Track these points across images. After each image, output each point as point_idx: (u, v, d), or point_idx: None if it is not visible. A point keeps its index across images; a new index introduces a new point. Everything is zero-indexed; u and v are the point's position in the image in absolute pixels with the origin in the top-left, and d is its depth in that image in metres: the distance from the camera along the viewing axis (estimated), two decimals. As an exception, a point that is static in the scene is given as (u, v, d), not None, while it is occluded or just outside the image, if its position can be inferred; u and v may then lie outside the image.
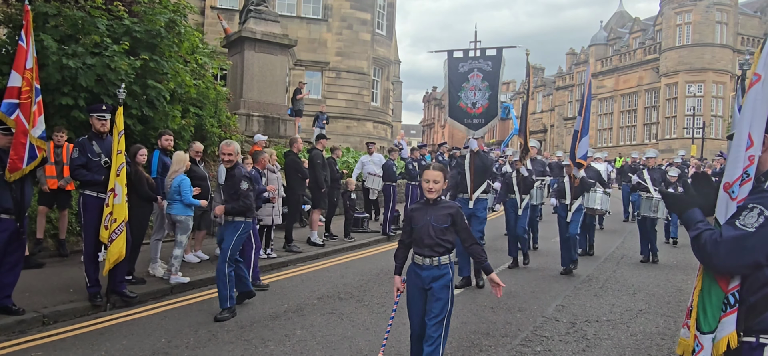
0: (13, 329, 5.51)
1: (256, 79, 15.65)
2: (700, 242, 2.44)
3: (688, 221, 2.56)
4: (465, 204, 7.86)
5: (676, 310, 7.09)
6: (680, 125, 41.48)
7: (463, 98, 8.14)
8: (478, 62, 8.10)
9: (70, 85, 8.79)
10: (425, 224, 4.00)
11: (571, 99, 54.75)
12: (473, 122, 8.11)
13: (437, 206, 4.06)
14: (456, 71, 8.22)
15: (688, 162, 18.22)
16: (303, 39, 25.56)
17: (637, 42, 47.94)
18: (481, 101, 8.03)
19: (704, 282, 2.60)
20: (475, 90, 8.05)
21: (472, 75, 8.11)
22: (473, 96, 8.07)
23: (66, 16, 9.24)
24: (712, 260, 2.40)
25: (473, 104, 8.07)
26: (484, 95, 8.01)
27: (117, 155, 6.19)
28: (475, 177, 7.91)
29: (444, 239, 4.01)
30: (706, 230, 2.46)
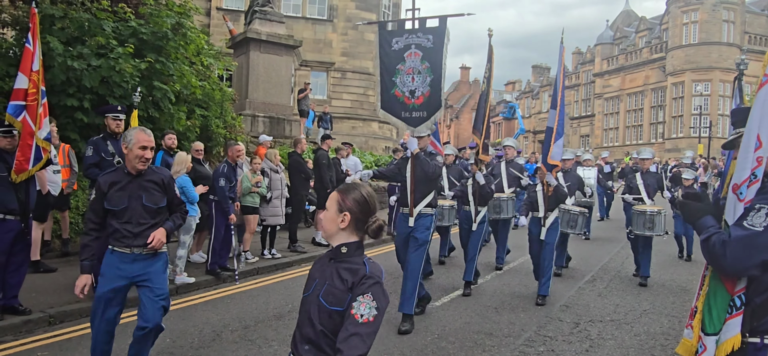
0: (20, 329, 5.55)
1: (261, 79, 15.69)
2: (710, 244, 2.45)
3: (700, 227, 2.59)
4: (404, 221, 6.36)
5: (681, 310, 7.07)
6: (687, 124, 41.27)
7: (398, 84, 6.32)
8: (417, 37, 6.27)
9: (75, 87, 8.85)
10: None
11: (577, 99, 54.56)
12: (412, 115, 6.31)
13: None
14: (389, 49, 6.42)
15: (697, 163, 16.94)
16: (308, 39, 25.59)
17: (643, 41, 47.72)
18: (421, 87, 6.22)
19: (710, 283, 2.60)
20: (414, 73, 6.24)
21: (408, 54, 6.28)
22: (411, 82, 6.26)
23: (72, 18, 9.30)
24: (721, 261, 2.41)
25: (411, 92, 6.25)
26: (425, 81, 6.21)
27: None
28: (417, 187, 6.23)
29: None
30: (715, 233, 2.48)
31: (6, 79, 8.41)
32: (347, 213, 2.27)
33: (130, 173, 4.05)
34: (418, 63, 6.24)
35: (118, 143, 6.57)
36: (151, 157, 4.05)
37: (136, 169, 4.03)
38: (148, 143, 4.02)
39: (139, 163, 4.01)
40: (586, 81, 53.21)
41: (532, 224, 7.62)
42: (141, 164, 4.02)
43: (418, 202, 6.24)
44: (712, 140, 35.18)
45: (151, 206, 4.07)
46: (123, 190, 4.00)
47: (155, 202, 4.09)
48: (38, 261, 7.48)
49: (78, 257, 4.09)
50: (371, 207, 2.32)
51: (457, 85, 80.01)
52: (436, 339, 5.76)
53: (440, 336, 5.87)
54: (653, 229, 8.38)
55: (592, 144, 49.00)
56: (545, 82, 60.52)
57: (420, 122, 6.28)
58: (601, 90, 50.57)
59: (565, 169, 8.81)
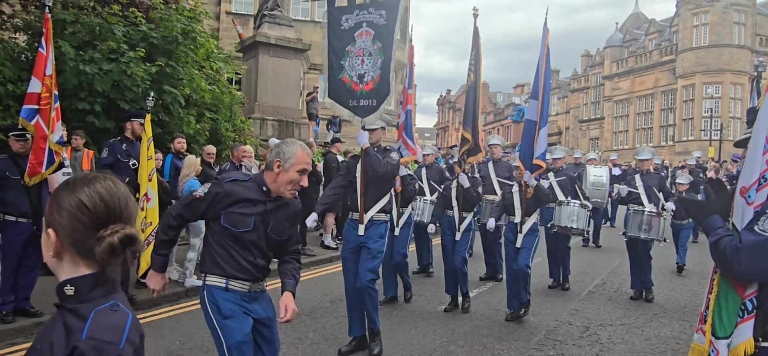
0: (31, 331, 5.60)
1: (270, 83, 15.75)
2: (720, 249, 2.42)
3: (708, 227, 2.54)
4: (353, 229, 5.38)
5: (692, 314, 7.02)
6: (697, 126, 40.99)
7: (346, 69, 5.48)
8: (368, 13, 5.46)
9: (86, 91, 8.92)
10: None
11: (587, 101, 54.38)
12: (360, 103, 5.42)
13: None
14: (338, 29, 5.58)
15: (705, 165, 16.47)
16: (317, 43, 25.55)
17: (653, 43, 47.48)
18: (371, 71, 5.36)
19: (721, 287, 2.58)
20: (364, 55, 5.39)
21: (359, 33, 5.48)
22: (360, 65, 5.40)
23: (84, 22, 9.38)
24: (733, 266, 2.38)
25: (360, 76, 5.40)
26: (376, 64, 5.35)
27: (148, 161, 6.38)
28: (368, 189, 5.31)
29: None
30: (725, 236, 2.44)
31: (18, 83, 8.49)
32: (52, 231, 1.41)
33: (266, 192, 3.08)
34: (369, 43, 5.41)
35: (134, 148, 6.68)
36: (306, 185, 3.19)
37: (280, 193, 3.08)
38: (308, 166, 3.10)
39: (291, 188, 3.07)
40: (596, 84, 52.99)
41: (508, 230, 6.85)
42: (292, 190, 3.09)
43: (370, 206, 5.32)
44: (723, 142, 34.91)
45: (275, 238, 3.16)
46: (252, 210, 3.04)
47: (280, 234, 3.18)
48: None
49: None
50: (100, 213, 1.40)
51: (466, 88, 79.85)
52: (445, 343, 5.76)
53: (449, 339, 5.87)
54: (650, 232, 7.55)
55: (601, 147, 48.77)
56: (554, 85, 60.33)
57: (369, 111, 5.39)
58: (610, 93, 50.35)
59: (555, 168, 8.66)
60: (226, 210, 3.02)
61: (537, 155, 6.42)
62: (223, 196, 3.02)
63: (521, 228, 6.53)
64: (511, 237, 6.72)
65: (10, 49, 9.26)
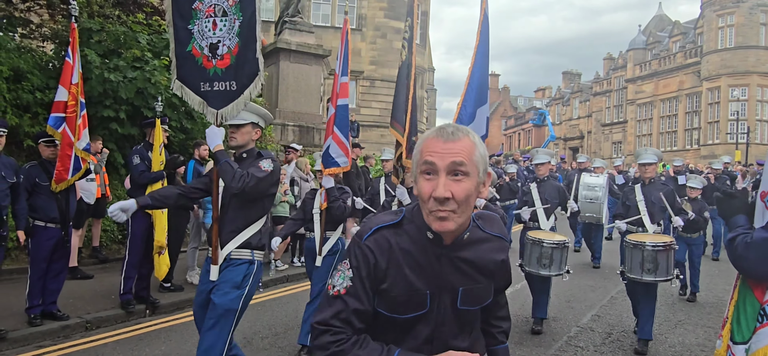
0: (58, 334, 5.72)
1: (291, 89, 15.90)
2: (734, 245, 2.44)
3: (731, 225, 2.57)
4: (206, 272, 3.80)
5: (717, 321, 6.90)
6: (723, 130, 40.25)
7: (195, 36, 3.85)
8: None
9: (111, 98, 9.10)
10: None
11: (609, 105, 53.75)
12: (213, 87, 3.83)
13: None
14: None
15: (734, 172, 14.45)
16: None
17: (677, 46, 46.77)
18: (228, 38, 3.80)
19: (740, 291, 2.57)
20: (216, 15, 3.81)
21: None
22: (211, 30, 3.82)
23: (109, 31, 9.58)
24: (743, 262, 2.41)
25: (212, 48, 3.82)
26: (232, 27, 3.79)
27: (160, 166, 6.49)
28: (226, 213, 3.73)
29: None
30: (742, 233, 2.46)
31: (46, 91, 8.71)
32: None
33: (428, 234, 1.70)
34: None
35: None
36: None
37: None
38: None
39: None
40: (618, 87, 52.38)
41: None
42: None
43: (228, 239, 3.66)
44: (749, 146, 34.24)
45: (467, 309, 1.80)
46: (418, 272, 1.71)
47: (476, 300, 1.81)
48: (76, 268, 7.71)
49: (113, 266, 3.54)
50: None
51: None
52: (465, 348, 5.73)
53: (469, 345, 5.85)
54: (656, 271, 5.55)
55: (624, 151, 48.18)
56: (576, 89, 59.80)
57: (226, 98, 3.76)
58: (633, 96, 49.70)
59: (540, 179, 6.75)
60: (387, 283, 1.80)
61: None
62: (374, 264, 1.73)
63: None
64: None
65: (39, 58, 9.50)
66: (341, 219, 5.53)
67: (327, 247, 5.39)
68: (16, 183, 5.54)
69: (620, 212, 6.45)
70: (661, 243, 5.63)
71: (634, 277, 5.76)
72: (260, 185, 3.65)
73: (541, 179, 6.77)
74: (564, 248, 6.16)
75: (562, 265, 6.16)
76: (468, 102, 4.90)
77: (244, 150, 3.88)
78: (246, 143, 3.88)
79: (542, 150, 6.98)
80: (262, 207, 3.79)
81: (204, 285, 3.76)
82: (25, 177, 5.68)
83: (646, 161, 6.28)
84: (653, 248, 5.62)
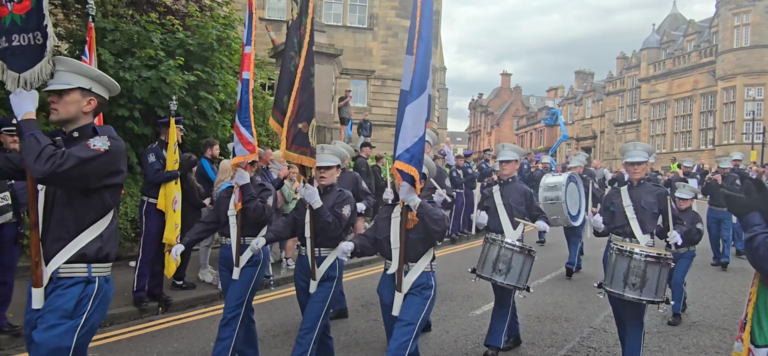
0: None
1: (302, 88, 15.94)
2: (754, 245, 2.39)
3: (746, 223, 2.51)
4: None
5: (732, 323, 6.83)
6: (739, 130, 39.81)
7: None
8: None
9: (126, 98, 9.17)
10: None
11: (622, 105, 53.36)
12: (12, 41, 2.68)
13: None
14: None
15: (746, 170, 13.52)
16: (348, 48, 25.85)
17: (691, 45, 46.34)
18: None
19: (760, 294, 2.53)
20: None
21: None
22: None
23: (123, 30, 9.65)
24: (764, 264, 2.35)
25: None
26: None
27: (174, 164, 6.54)
28: (49, 217, 2.78)
29: None
30: (761, 233, 2.40)
31: (61, 90, 8.78)
32: None
33: None
34: None
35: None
36: None
37: None
38: None
39: None
40: (632, 86, 51.99)
41: (382, 285, 4.07)
42: None
43: (54, 251, 2.74)
44: (765, 146, 33.85)
45: None
46: None
47: None
48: None
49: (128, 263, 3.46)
50: None
51: (498, 92, 79.41)
52: (476, 347, 5.72)
53: (480, 344, 5.83)
54: (642, 288, 4.55)
55: (637, 151, 47.73)
56: (588, 88, 59.43)
57: (28, 56, 2.71)
58: (647, 96, 49.31)
59: (503, 180, 5.65)
60: None
61: (402, 150, 3.75)
62: None
63: (399, 284, 3.79)
64: (387, 297, 4.01)
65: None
66: (260, 222, 4.58)
67: (245, 256, 4.49)
68: None
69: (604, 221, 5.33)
70: (655, 254, 4.59)
71: (613, 291, 4.69)
72: (86, 168, 2.61)
73: (504, 181, 5.62)
74: (528, 256, 5.13)
75: (522, 276, 5.09)
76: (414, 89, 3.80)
77: (74, 127, 2.82)
78: (73, 117, 2.81)
79: (508, 145, 5.81)
80: (101, 203, 2.76)
81: (29, 314, 2.76)
82: None
83: (634, 159, 5.22)
84: (643, 258, 4.57)
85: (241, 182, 4.47)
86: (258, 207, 4.47)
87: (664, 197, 5.18)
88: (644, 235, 5.07)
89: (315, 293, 4.23)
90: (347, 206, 4.30)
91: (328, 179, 4.40)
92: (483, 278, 5.23)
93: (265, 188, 4.69)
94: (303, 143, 4.23)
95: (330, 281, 4.27)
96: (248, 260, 4.48)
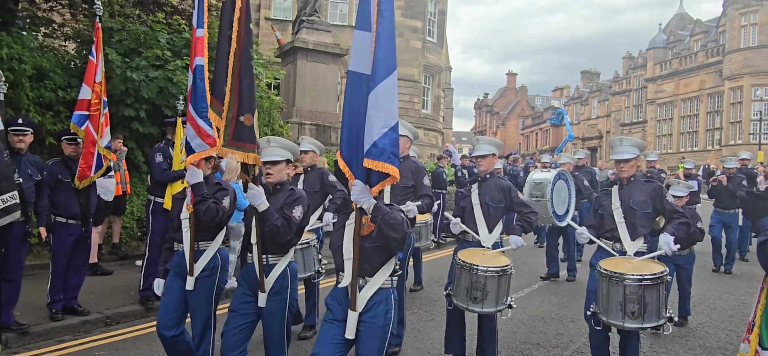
0: (78, 329, 5.81)
1: (308, 88, 15.95)
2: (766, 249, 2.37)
3: (759, 227, 2.51)
4: None
5: (739, 324, 6.79)
6: (746, 130, 39.62)
7: None
8: None
9: (132, 97, 9.20)
10: None
11: (628, 105, 53.18)
12: None
13: None
14: None
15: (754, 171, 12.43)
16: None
17: (698, 44, 46.13)
18: None
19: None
20: None
21: None
22: None
23: (130, 30, 9.70)
24: None
25: None
26: None
27: (181, 163, 6.54)
28: None
29: None
30: None
31: (68, 89, 8.83)
32: None
33: None
34: None
35: None
36: None
37: None
38: None
39: None
40: (638, 86, 51.81)
41: (333, 297, 3.41)
42: None
43: None
44: (773, 146, 33.66)
45: None
46: None
47: None
48: (96, 264, 7.81)
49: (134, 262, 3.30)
50: None
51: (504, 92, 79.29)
52: (482, 348, 5.71)
53: (486, 345, 5.82)
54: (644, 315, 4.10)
55: (644, 151, 47.57)
56: (594, 88, 59.26)
57: None
58: (653, 96, 49.13)
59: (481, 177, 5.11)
60: None
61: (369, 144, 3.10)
62: None
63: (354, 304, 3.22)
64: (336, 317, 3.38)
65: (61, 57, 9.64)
66: (216, 225, 4.09)
67: (201, 264, 4.05)
68: (40, 181, 5.63)
69: (592, 224, 4.91)
70: (650, 276, 4.09)
71: (613, 323, 4.23)
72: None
73: (482, 177, 5.07)
74: (503, 276, 4.56)
75: (500, 298, 4.58)
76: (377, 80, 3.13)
77: None
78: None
79: (484, 138, 5.31)
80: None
81: None
82: (48, 173, 5.78)
83: (621, 156, 4.68)
84: (638, 283, 4.04)
85: (191, 181, 4.03)
86: (210, 209, 3.98)
87: (659, 192, 4.65)
88: (634, 241, 4.59)
89: (267, 308, 3.75)
90: (299, 207, 3.78)
91: (276, 176, 3.88)
92: (460, 307, 4.70)
93: (221, 188, 4.22)
94: (248, 139, 3.72)
95: (283, 292, 3.79)
96: (204, 269, 4.06)
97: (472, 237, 4.97)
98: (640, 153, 4.76)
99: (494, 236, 4.93)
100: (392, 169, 3.10)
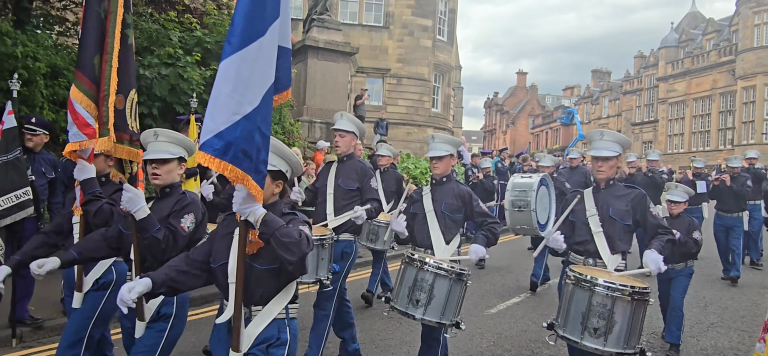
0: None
1: (318, 86, 16.01)
2: None
3: None
4: None
5: (751, 325, 6.75)
6: (759, 130, 39.26)
7: None
8: None
9: (145, 95, 9.28)
10: None
11: (640, 104, 52.85)
12: None
13: None
14: None
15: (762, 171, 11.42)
16: (364, 46, 25.89)
17: (711, 43, 45.75)
18: None
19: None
20: None
21: None
22: None
23: (142, 28, 9.77)
24: None
25: None
26: None
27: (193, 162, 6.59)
28: None
29: None
30: None
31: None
32: None
33: None
34: None
35: None
36: None
37: None
38: None
39: None
40: (649, 85, 51.47)
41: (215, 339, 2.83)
42: None
43: None
44: (786, 147, 33.32)
45: None
46: None
47: None
48: None
49: None
50: None
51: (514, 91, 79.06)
52: (492, 346, 5.72)
53: (495, 343, 5.83)
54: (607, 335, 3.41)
55: (655, 151, 47.26)
56: (605, 88, 58.93)
57: None
58: (665, 95, 48.79)
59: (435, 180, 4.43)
60: None
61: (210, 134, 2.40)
62: None
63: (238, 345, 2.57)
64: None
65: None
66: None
67: (92, 277, 3.49)
68: (54, 178, 5.68)
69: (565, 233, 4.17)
70: (626, 287, 3.43)
71: (568, 338, 3.52)
72: None
73: (436, 181, 4.38)
74: (457, 281, 3.79)
75: (448, 309, 3.74)
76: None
77: None
78: None
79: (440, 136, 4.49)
80: None
81: None
82: (62, 170, 5.83)
83: (599, 153, 3.98)
84: (608, 292, 3.39)
85: (80, 177, 3.33)
86: (103, 210, 3.31)
87: (641, 201, 3.98)
88: (614, 255, 3.90)
89: (141, 338, 3.07)
90: (189, 216, 3.10)
91: (164, 178, 3.18)
92: (398, 312, 3.82)
93: (119, 188, 3.42)
94: (120, 126, 3.08)
95: (163, 321, 3.10)
96: (94, 284, 3.46)
97: (423, 252, 4.15)
98: (622, 152, 4.05)
99: (451, 250, 4.20)
100: (238, 174, 2.33)
